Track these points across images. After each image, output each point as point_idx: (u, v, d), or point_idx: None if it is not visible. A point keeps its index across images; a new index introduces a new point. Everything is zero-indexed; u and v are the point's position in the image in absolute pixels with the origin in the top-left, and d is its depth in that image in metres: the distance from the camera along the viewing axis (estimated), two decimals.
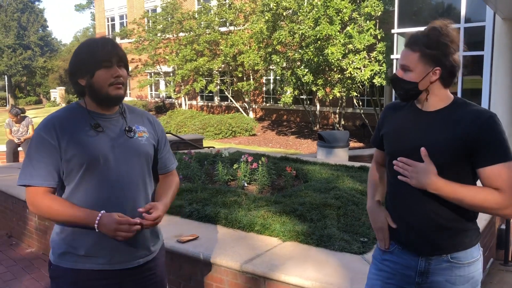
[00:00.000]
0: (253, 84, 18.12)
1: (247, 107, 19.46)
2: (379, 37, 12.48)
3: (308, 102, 17.46)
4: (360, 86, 13.85)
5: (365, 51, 12.23)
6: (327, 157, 7.32)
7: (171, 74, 21.77)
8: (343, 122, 16.20)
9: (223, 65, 18.85)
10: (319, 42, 12.45)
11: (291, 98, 14.19)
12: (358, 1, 12.97)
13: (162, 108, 23.48)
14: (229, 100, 20.58)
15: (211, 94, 22.28)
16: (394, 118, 1.73)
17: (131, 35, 22.10)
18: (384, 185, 1.80)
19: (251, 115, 19.24)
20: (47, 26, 39.93)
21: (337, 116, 16.08)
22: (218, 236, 3.15)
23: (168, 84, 21.42)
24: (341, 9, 12.20)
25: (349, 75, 12.47)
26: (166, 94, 23.16)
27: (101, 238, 1.61)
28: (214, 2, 19.40)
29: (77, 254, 1.62)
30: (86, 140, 1.61)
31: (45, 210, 1.60)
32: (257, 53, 16.01)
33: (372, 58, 12.40)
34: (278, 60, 14.11)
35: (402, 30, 11.08)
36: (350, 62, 12.21)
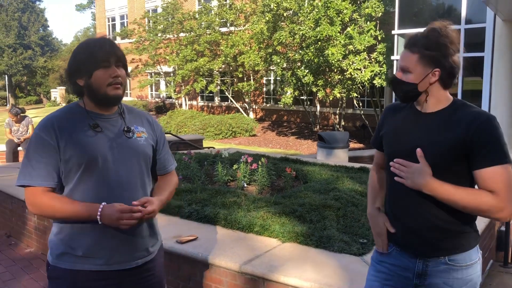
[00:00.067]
0: (254, 85, 18.13)
1: (247, 108, 19.46)
2: (380, 38, 12.48)
3: (308, 103, 17.47)
4: (360, 87, 13.84)
5: (366, 52, 12.21)
6: (327, 158, 7.32)
7: (172, 74, 21.77)
8: (343, 123, 16.19)
9: (224, 66, 18.85)
10: (320, 43, 12.44)
11: (291, 99, 14.19)
12: (359, 2, 12.96)
13: (163, 108, 23.47)
14: (230, 101, 20.59)
15: (212, 95, 22.29)
16: (394, 119, 1.72)
17: (132, 35, 22.12)
18: (384, 189, 1.80)
19: (251, 116, 19.24)
20: (48, 26, 39.99)
21: (337, 117, 16.08)
22: (218, 237, 3.15)
23: (169, 84, 21.43)
24: (342, 10, 12.19)
25: (350, 76, 12.47)
26: (167, 94, 23.17)
27: (100, 239, 1.60)
28: (215, 3, 19.41)
29: (76, 255, 1.61)
30: (85, 140, 1.61)
31: (46, 208, 1.59)
32: (258, 54, 16.00)
33: (373, 59, 12.39)
34: (279, 61, 14.11)
35: (403, 31, 11.06)
36: (351, 63, 12.20)
